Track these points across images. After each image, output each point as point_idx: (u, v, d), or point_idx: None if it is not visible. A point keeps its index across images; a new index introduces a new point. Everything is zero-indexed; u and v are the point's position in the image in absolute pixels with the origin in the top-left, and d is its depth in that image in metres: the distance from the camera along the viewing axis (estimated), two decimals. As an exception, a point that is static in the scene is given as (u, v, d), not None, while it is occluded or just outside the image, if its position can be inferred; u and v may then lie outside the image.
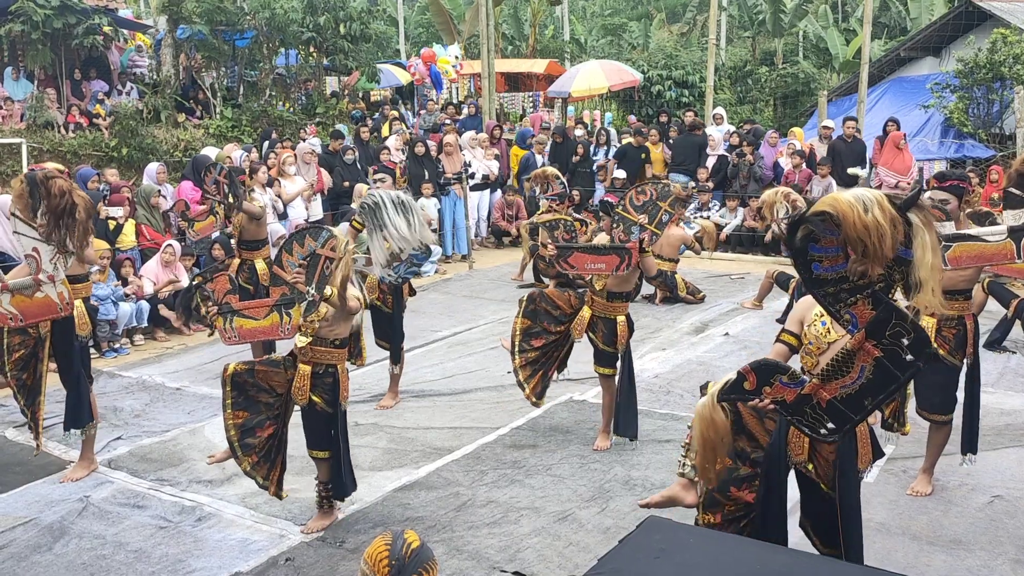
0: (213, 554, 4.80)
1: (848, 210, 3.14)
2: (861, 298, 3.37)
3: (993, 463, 5.75)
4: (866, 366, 3.43)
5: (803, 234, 3.29)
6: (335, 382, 4.99)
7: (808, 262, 3.34)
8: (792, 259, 3.41)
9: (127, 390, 7.69)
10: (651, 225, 5.98)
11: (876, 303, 3.35)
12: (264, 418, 4.97)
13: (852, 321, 3.40)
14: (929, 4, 22.47)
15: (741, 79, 21.57)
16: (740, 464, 3.85)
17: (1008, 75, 13.88)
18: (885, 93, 17.31)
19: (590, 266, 5.93)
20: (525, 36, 26.59)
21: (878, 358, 3.38)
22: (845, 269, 3.31)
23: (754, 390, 3.57)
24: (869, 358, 3.41)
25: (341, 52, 16.68)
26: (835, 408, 3.49)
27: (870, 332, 3.37)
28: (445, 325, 9.54)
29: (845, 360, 3.44)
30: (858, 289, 3.35)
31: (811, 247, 3.30)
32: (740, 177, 13.45)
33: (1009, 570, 4.49)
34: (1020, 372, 7.67)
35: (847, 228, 3.18)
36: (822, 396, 3.51)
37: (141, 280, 9.34)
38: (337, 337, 5.00)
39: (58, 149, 13.05)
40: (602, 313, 6.05)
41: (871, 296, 3.36)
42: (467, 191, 13.24)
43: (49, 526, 5.14)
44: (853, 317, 3.41)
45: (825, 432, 3.54)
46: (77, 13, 14.02)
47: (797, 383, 3.54)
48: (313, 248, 4.81)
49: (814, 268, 3.35)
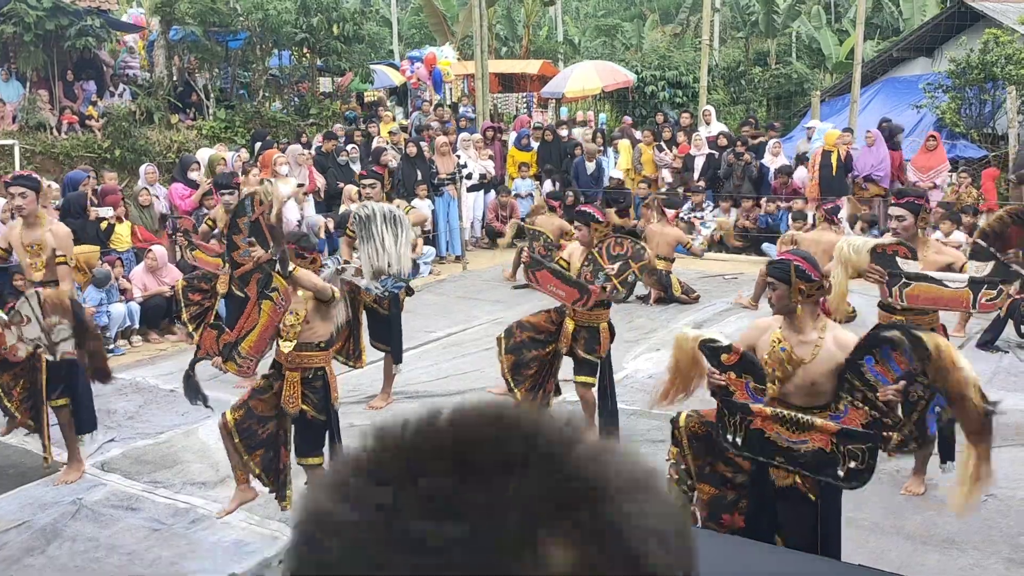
0: (207, 556, 4.79)
1: (948, 360, 3.42)
2: (868, 409, 3.56)
3: (986, 462, 5.76)
4: (810, 440, 3.60)
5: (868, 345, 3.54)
6: (325, 385, 4.99)
7: (860, 361, 3.54)
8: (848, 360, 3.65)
9: (120, 392, 7.66)
10: (616, 279, 6.02)
11: (872, 423, 3.54)
12: (276, 444, 5.00)
13: (842, 413, 3.58)
14: (921, 5, 22.51)
15: (734, 79, 21.57)
16: (726, 490, 3.92)
17: (1000, 75, 13.92)
18: (878, 93, 17.34)
19: (552, 288, 6.01)
20: (519, 37, 26.57)
21: (820, 449, 3.57)
22: (883, 384, 3.53)
23: (725, 366, 3.74)
24: (819, 440, 3.59)
25: (334, 53, 16.66)
26: (756, 438, 3.69)
27: (839, 434, 3.55)
28: (439, 326, 9.54)
29: (800, 425, 3.63)
30: (872, 404, 3.54)
31: (867, 361, 3.52)
32: (734, 177, 13.46)
33: (1003, 569, 4.50)
34: (1013, 372, 7.69)
35: (941, 377, 3.43)
36: (758, 421, 3.66)
37: (130, 284, 9.32)
38: (320, 339, 4.99)
39: (51, 151, 13.02)
40: (584, 321, 6.04)
41: (872, 415, 3.54)
42: (462, 192, 13.24)
43: (42, 528, 5.12)
44: (845, 411, 3.58)
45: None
46: (69, 15, 13.98)
47: (755, 396, 3.68)
48: (248, 221, 4.85)
49: (867, 361, 3.56)
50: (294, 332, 4.90)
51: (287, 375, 4.94)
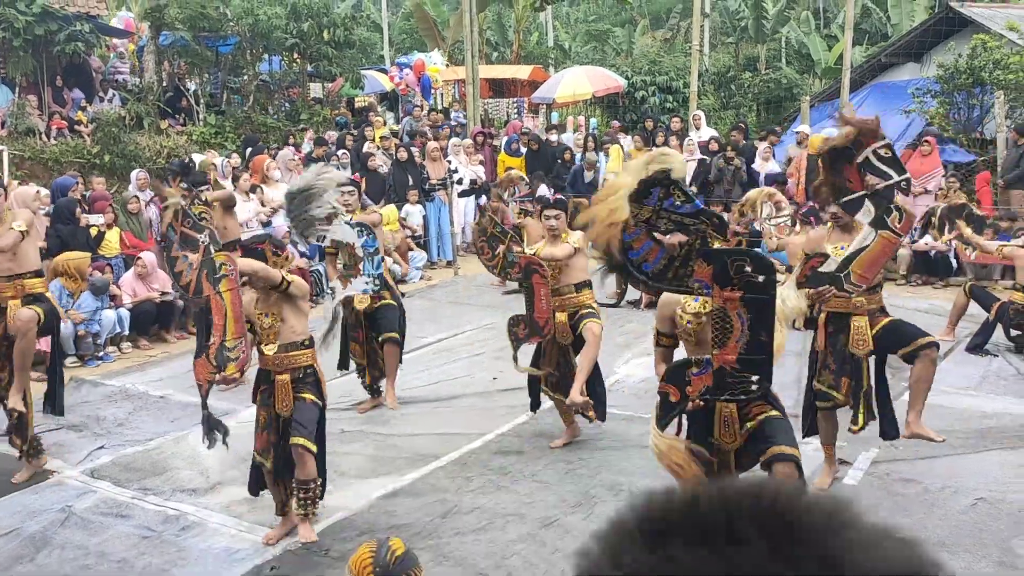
0: (197, 563, 4.77)
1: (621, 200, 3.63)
2: (694, 263, 3.67)
3: (976, 466, 5.79)
4: (740, 311, 3.69)
5: (616, 250, 3.60)
6: (317, 379, 5.02)
7: (638, 267, 3.65)
8: (623, 276, 3.81)
9: (110, 399, 7.63)
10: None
11: (707, 257, 3.63)
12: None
13: (703, 285, 3.68)
14: (910, 10, 22.63)
15: (724, 84, 21.64)
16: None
17: (988, 80, 13.98)
18: (867, 98, 17.40)
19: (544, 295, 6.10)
20: (509, 42, 26.61)
21: (743, 297, 3.64)
22: (665, 253, 3.64)
23: (680, 399, 3.85)
24: (737, 303, 3.67)
25: (325, 58, 16.66)
26: (746, 361, 3.73)
27: (720, 282, 3.63)
28: (430, 331, 9.51)
29: (722, 319, 3.77)
30: (687, 257, 3.65)
31: (630, 255, 3.61)
32: (724, 182, 13.49)
33: (993, 572, 4.52)
34: (1002, 375, 7.72)
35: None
36: (729, 360, 3.74)
37: (120, 291, 9.28)
38: (302, 336, 4.99)
39: (40, 156, 12.97)
40: (574, 307, 6.10)
41: (700, 255, 3.65)
42: (452, 197, 13.23)
43: (31, 536, 5.09)
44: (700, 281, 3.70)
45: (756, 387, 3.80)
46: (59, 20, 13.94)
47: (705, 366, 3.79)
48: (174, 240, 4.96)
49: (645, 268, 3.68)
50: (274, 333, 4.90)
51: (276, 380, 4.93)
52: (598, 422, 6.18)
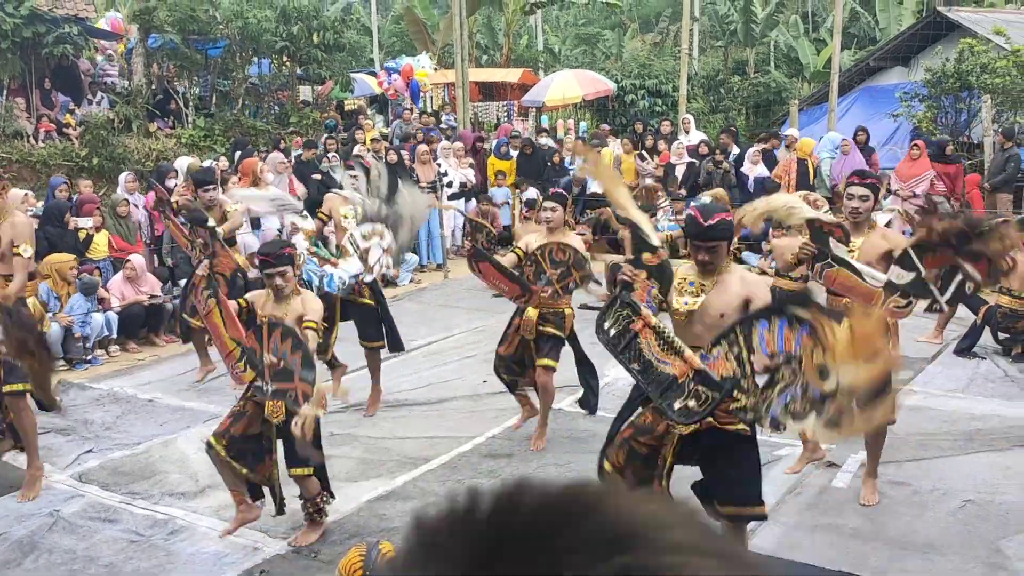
0: (186, 568, 4.74)
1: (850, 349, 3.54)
2: (734, 365, 3.73)
3: (964, 468, 5.81)
4: (671, 364, 3.84)
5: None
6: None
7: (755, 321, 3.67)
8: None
9: (98, 402, 7.59)
10: (558, 284, 6.13)
11: (730, 379, 3.70)
12: (262, 453, 4.93)
13: (712, 357, 3.76)
14: (897, 15, 22.76)
15: (714, 88, 21.70)
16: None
17: (975, 84, 14.06)
18: (855, 102, 17.51)
19: (495, 281, 6.18)
20: (499, 45, 26.62)
21: (674, 377, 3.81)
22: (762, 353, 3.70)
23: (644, 264, 4.12)
24: (678, 369, 3.83)
25: (315, 61, 16.62)
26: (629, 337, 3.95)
27: (699, 372, 3.78)
28: (420, 334, 9.50)
29: (673, 347, 3.85)
30: (741, 363, 3.70)
31: (761, 324, 3.74)
32: (713, 185, 13.51)
33: (981, 574, 4.54)
34: (990, 378, 7.76)
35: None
36: (639, 324, 3.89)
37: (108, 293, 9.24)
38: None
39: (28, 159, 12.91)
40: (550, 309, 6.14)
41: (736, 372, 3.72)
42: (443, 200, 13.22)
43: (19, 541, 5.06)
44: (716, 356, 3.87)
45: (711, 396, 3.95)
46: (47, 22, 13.88)
47: (651, 304, 4.01)
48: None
49: (760, 325, 3.73)
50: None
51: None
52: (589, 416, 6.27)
